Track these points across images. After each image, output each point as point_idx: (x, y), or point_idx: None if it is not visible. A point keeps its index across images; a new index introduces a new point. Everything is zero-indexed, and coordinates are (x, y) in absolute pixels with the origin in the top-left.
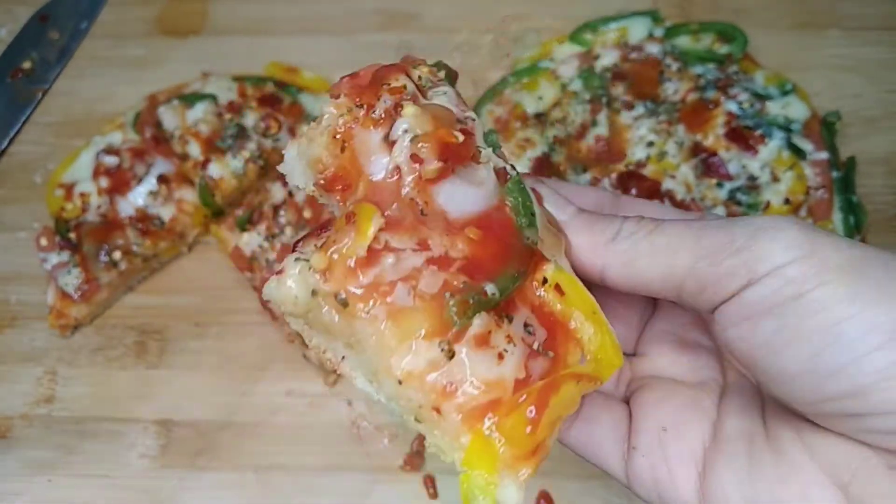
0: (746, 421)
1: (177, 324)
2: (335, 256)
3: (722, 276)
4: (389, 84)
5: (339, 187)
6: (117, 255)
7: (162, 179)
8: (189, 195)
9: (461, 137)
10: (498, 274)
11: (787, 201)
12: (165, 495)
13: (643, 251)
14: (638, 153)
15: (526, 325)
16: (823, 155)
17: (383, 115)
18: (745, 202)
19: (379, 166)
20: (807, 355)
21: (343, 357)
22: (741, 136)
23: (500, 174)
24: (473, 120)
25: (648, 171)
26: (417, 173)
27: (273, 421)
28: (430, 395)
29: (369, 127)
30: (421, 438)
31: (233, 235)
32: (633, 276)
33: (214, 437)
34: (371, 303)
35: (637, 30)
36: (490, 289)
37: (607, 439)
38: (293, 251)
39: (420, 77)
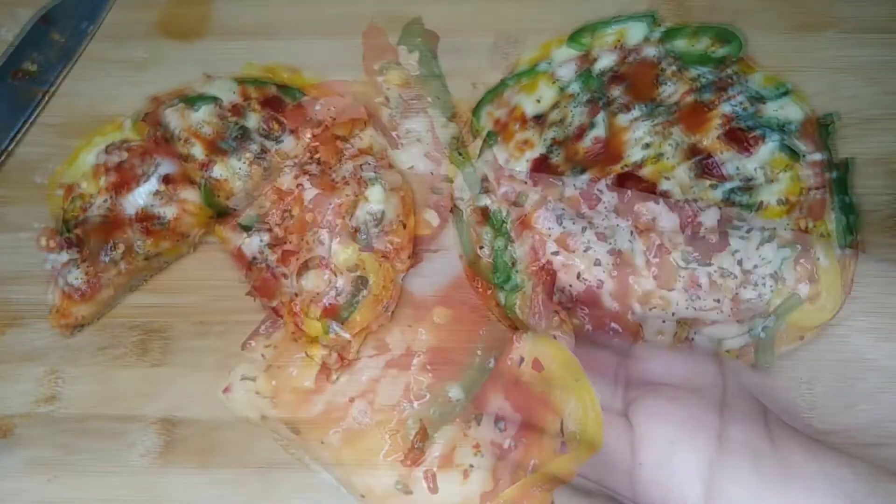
0: (750, 430)
1: (179, 323)
2: (278, 383)
3: None
4: None
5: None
6: (119, 254)
7: (165, 180)
8: (192, 196)
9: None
10: (466, 366)
11: (782, 202)
12: (167, 493)
13: None
14: (635, 154)
15: (497, 420)
16: (820, 156)
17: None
18: (741, 203)
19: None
20: None
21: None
22: (738, 137)
23: (483, 212)
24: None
25: (645, 172)
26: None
27: None
28: None
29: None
30: (422, 434)
31: (235, 236)
32: None
33: (216, 435)
34: (325, 431)
35: (635, 32)
36: (455, 393)
37: (610, 457)
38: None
39: (388, 98)
